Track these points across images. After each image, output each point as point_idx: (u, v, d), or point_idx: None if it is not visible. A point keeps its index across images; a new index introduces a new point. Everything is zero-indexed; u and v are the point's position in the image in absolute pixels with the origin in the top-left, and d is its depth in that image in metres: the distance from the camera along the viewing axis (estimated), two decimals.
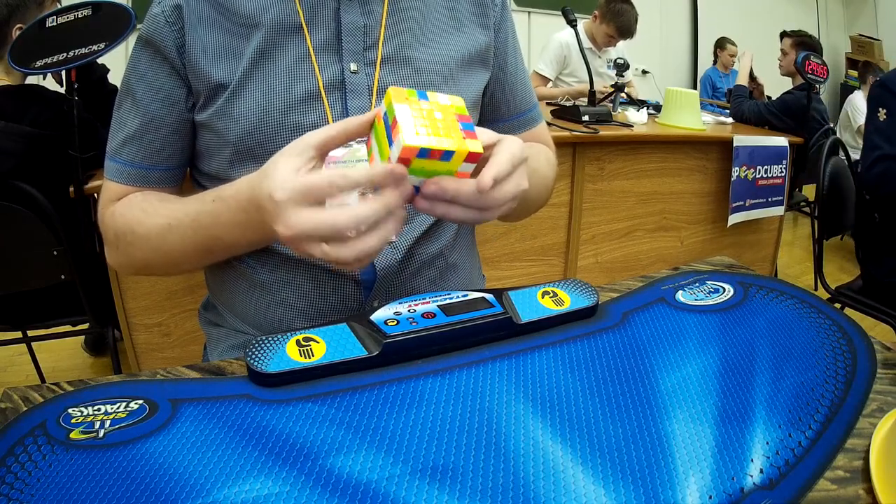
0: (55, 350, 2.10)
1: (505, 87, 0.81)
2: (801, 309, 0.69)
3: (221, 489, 0.41)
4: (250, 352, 0.53)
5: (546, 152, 0.84)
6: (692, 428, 0.49)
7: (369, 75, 0.69)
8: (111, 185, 0.70)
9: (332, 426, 0.48)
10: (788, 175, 2.32)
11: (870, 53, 5.41)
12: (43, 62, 1.23)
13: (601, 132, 1.90)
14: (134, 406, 0.49)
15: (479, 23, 0.76)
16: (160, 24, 0.65)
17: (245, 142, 0.66)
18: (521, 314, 0.62)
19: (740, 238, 2.38)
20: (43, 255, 1.36)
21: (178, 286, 1.44)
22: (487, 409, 0.50)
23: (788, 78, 2.97)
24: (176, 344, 1.49)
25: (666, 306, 0.68)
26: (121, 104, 0.70)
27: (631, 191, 2.06)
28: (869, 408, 0.53)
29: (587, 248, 2.05)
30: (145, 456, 0.44)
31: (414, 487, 0.42)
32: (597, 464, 0.45)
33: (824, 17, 5.70)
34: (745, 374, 0.56)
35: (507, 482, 0.43)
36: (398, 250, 0.71)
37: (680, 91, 2.27)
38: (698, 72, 5.00)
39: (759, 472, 0.45)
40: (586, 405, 0.51)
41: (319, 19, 0.67)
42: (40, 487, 0.41)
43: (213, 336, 0.80)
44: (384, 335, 0.56)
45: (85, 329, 1.89)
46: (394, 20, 0.70)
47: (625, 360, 0.58)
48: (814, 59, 2.42)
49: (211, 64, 0.66)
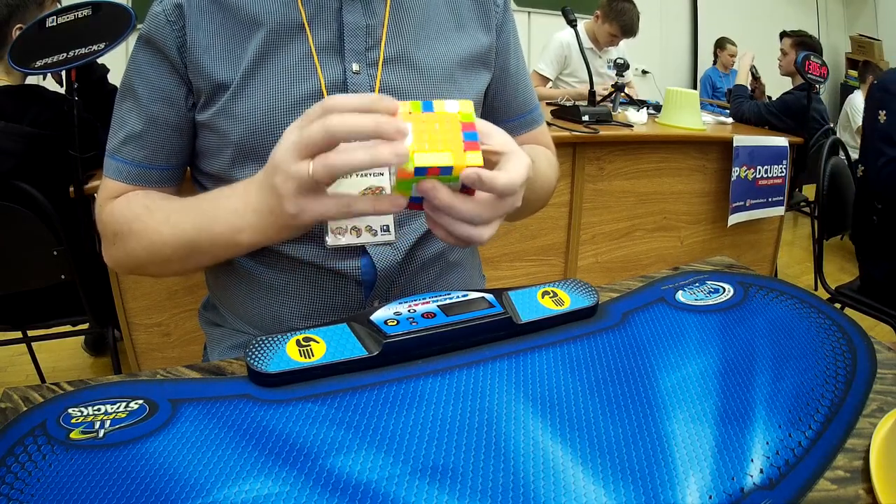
0: (55, 350, 2.10)
1: (506, 89, 0.81)
2: (801, 309, 0.69)
3: (221, 489, 0.41)
4: (250, 352, 0.53)
5: (547, 154, 0.84)
6: (692, 428, 0.49)
7: (371, 76, 0.69)
8: (110, 183, 0.70)
9: (332, 426, 0.48)
10: (788, 175, 2.32)
11: (870, 53, 5.41)
12: (43, 62, 1.23)
13: (601, 132, 1.90)
14: (134, 406, 0.49)
15: (481, 24, 0.76)
16: (161, 22, 0.65)
17: (246, 142, 0.66)
18: (521, 314, 0.62)
19: (740, 238, 2.38)
20: (43, 255, 1.36)
21: (178, 286, 1.44)
22: (487, 409, 0.50)
23: (788, 78, 2.97)
24: (176, 344, 1.49)
25: (666, 306, 0.68)
26: (121, 103, 0.70)
27: (631, 191, 2.06)
28: (869, 408, 0.53)
29: (587, 248, 2.05)
30: (145, 456, 0.44)
31: (414, 487, 0.42)
32: (597, 464, 0.45)
33: (824, 17, 5.70)
34: (745, 374, 0.56)
35: (507, 482, 0.43)
36: (399, 251, 0.71)
37: (680, 91, 2.27)
38: (698, 72, 5.00)
39: (759, 472, 0.45)
40: (586, 405, 0.51)
41: (321, 19, 0.67)
42: (40, 487, 0.41)
43: (213, 336, 0.80)
44: (384, 335, 0.56)
45: (85, 329, 1.89)
46: (396, 20, 0.70)
47: (625, 360, 0.58)
48: (814, 59, 2.42)
49: (212, 63, 0.66)
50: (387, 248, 0.71)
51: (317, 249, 0.69)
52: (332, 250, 0.69)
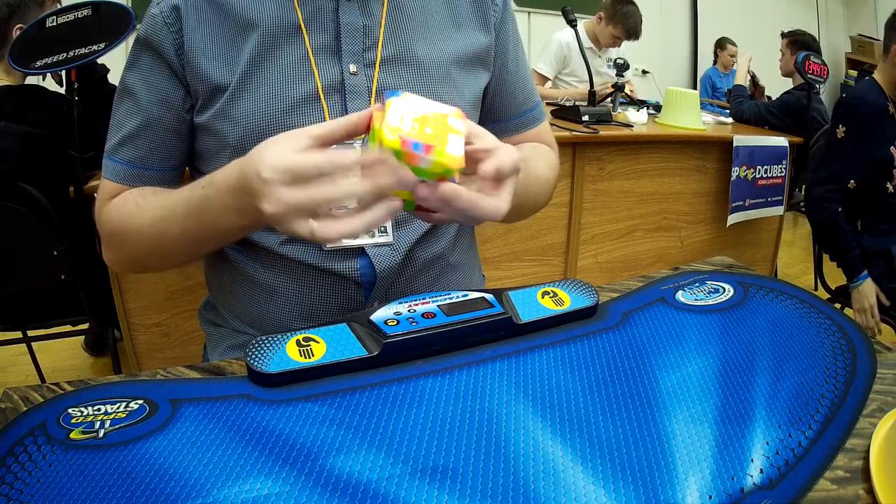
0: (55, 350, 2.10)
1: (506, 88, 0.80)
2: (801, 309, 0.69)
3: (221, 489, 0.41)
4: (250, 352, 0.53)
5: (547, 153, 0.84)
6: (692, 428, 0.49)
7: (368, 77, 0.69)
8: (108, 183, 0.70)
9: (332, 426, 0.48)
10: (788, 175, 2.32)
11: (870, 53, 5.41)
12: (43, 62, 1.23)
13: (601, 132, 1.90)
14: (134, 406, 0.49)
15: (480, 23, 0.76)
16: (158, 24, 0.65)
17: (244, 144, 0.66)
18: (521, 314, 0.62)
19: (740, 238, 2.38)
20: (43, 255, 1.36)
21: (178, 286, 1.44)
22: (487, 409, 0.50)
23: (788, 78, 2.97)
24: (176, 344, 1.49)
25: (666, 306, 0.68)
26: (119, 104, 0.70)
27: (631, 191, 2.06)
28: (869, 408, 0.53)
29: (587, 248, 2.05)
30: (145, 456, 0.44)
31: (414, 487, 0.42)
32: (597, 464, 0.45)
33: (824, 17, 5.70)
34: (745, 374, 0.56)
35: (507, 482, 0.43)
36: (398, 252, 0.71)
37: (680, 91, 2.27)
38: (698, 72, 4.99)
39: (759, 472, 0.45)
40: (586, 405, 0.51)
41: (318, 21, 0.67)
42: (40, 487, 0.41)
43: (213, 336, 0.80)
44: (384, 335, 0.56)
45: (85, 329, 1.89)
46: (393, 21, 0.70)
47: (625, 360, 0.58)
48: (814, 59, 2.42)
49: (209, 65, 0.66)
50: (386, 248, 0.71)
51: (315, 251, 0.69)
52: (330, 252, 0.69)
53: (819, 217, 1.75)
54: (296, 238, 0.69)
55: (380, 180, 0.48)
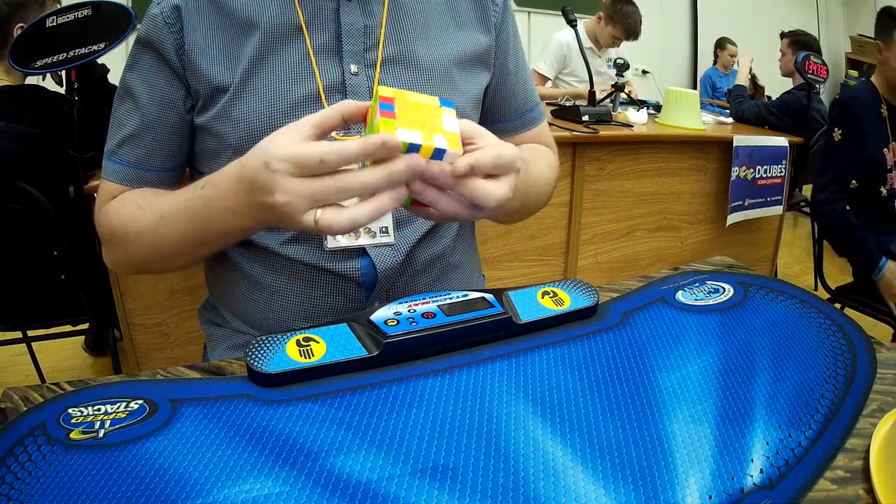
0: (55, 350, 2.10)
1: (506, 88, 0.81)
2: (801, 309, 0.69)
3: (221, 489, 0.41)
4: (250, 352, 0.53)
5: (547, 154, 0.84)
6: (692, 428, 0.49)
7: (369, 77, 0.69)
8: (108, 184, 0.70)
9: (332, 426, 0.48)
10: (788, 175, 2.32)
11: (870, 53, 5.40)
12: (43, 62, 1.23)
13: (601, 132, 1.90)
14: (134, 406, 0.49)
15: (480, 24, 0.76)
16: (159, 24, 0.65)
17: (244, 144, 0.65)
18: (521, 314, 0.62)
19: (740, 238, 2.38)
20: (43, 255, 1.36)
21: (178, 286, 1.44)
22: (487, 409, 0.50)
23: (788, 78, 2.97)
24: (176, 344, 1.49)
25: (666, 306, 0.68)
26: (119, 105, 0.70)
27: (631, 191, 2.06)
28: (869, 408, 0.53)
29: (587, 248, 2.05)
30: (145, 456, 0.44)
31: (414, 487, 0.42)
32: (597, 464, 0.45)
33: (824, 17, 5.70)
34: (745, 374, 0.56)
35: (507, 482, 0.43)
36: (399, 252, 0.71)
37: (680, 91, 2.27)
38: (698, 72, 4.99)
39: (759, 472, 0.45)
40: (586, 405, 0.51)
41: (319, 21, 0.67)
42: (40, 487, 0.41)
43: (213, 336, 0.80)
44: (384, 335, 0.56)
45: (85, 329, 1.90)
46: (394, 21, 0.70)
47: (625, 360, 0.58)
48: (814, 59, 2.42)
49: (210, 66, 0.66)
50: (387, 249, 0.71)
51: (316, 251, 0.69)
52: (331, 252, 0.69)
53: (828, 220, 1.74)
54: (297, 238, 0.69)
55: (392, 167, 0.48)
